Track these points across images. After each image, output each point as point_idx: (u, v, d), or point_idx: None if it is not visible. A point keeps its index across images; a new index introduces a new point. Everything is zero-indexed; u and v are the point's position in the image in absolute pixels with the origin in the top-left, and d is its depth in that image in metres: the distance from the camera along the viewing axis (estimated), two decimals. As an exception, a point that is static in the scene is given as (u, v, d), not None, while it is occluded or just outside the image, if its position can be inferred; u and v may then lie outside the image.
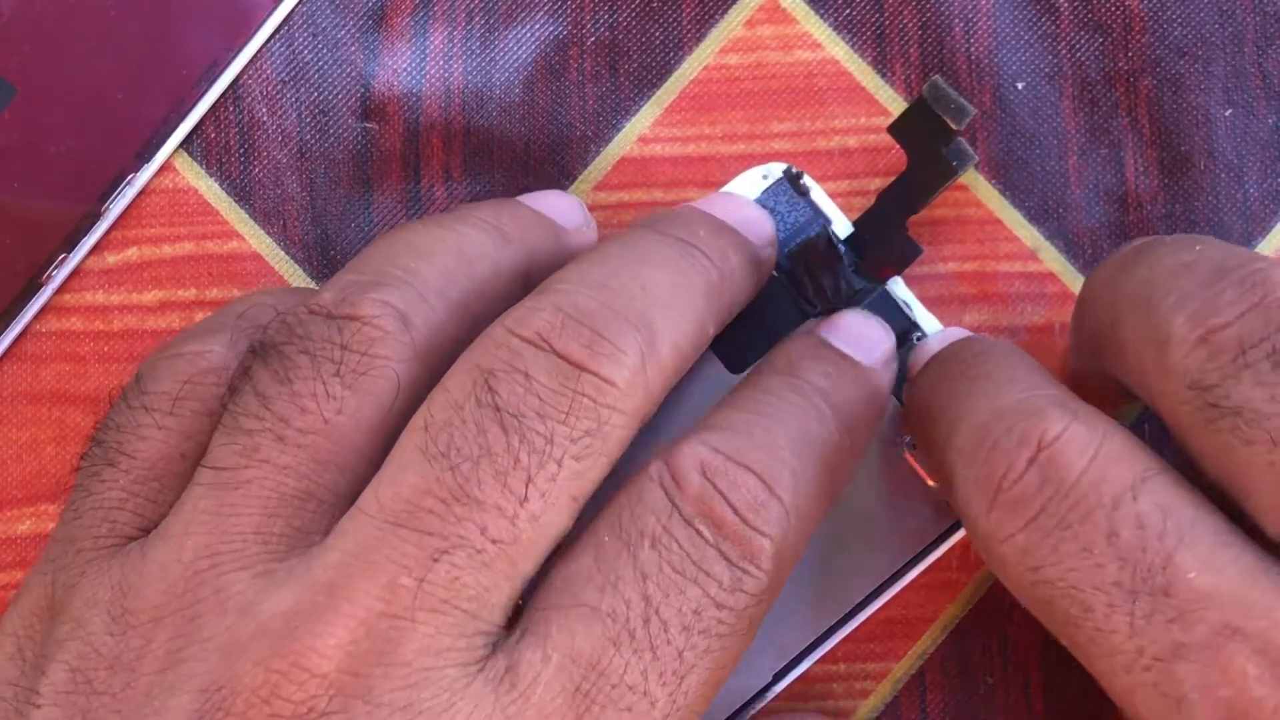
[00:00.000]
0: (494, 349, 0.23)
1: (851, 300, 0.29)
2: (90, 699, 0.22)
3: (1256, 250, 0.30)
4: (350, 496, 0.23)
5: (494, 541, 0.22)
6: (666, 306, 0.24)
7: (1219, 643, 0.21)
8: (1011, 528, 0.22)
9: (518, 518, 0.22)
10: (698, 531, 0.23)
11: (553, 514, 0.22)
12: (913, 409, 0.27)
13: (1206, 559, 0.21)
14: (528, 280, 0.27)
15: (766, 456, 0.23)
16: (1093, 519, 0.22)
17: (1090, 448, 0.22)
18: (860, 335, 0.27)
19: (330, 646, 0.21)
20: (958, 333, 0.28)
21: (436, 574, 0.21)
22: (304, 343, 0.23)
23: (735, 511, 0.23)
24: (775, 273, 0.29)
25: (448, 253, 0.25)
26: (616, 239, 0.26)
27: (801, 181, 0.26)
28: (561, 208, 0.29)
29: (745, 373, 0.29)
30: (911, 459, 0.29)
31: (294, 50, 0.31)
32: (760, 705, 0.29)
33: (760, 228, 0.28)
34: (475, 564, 0.22)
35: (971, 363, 0.26)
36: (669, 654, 0.22)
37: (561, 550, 0.23)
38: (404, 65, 0.31)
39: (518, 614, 0.23)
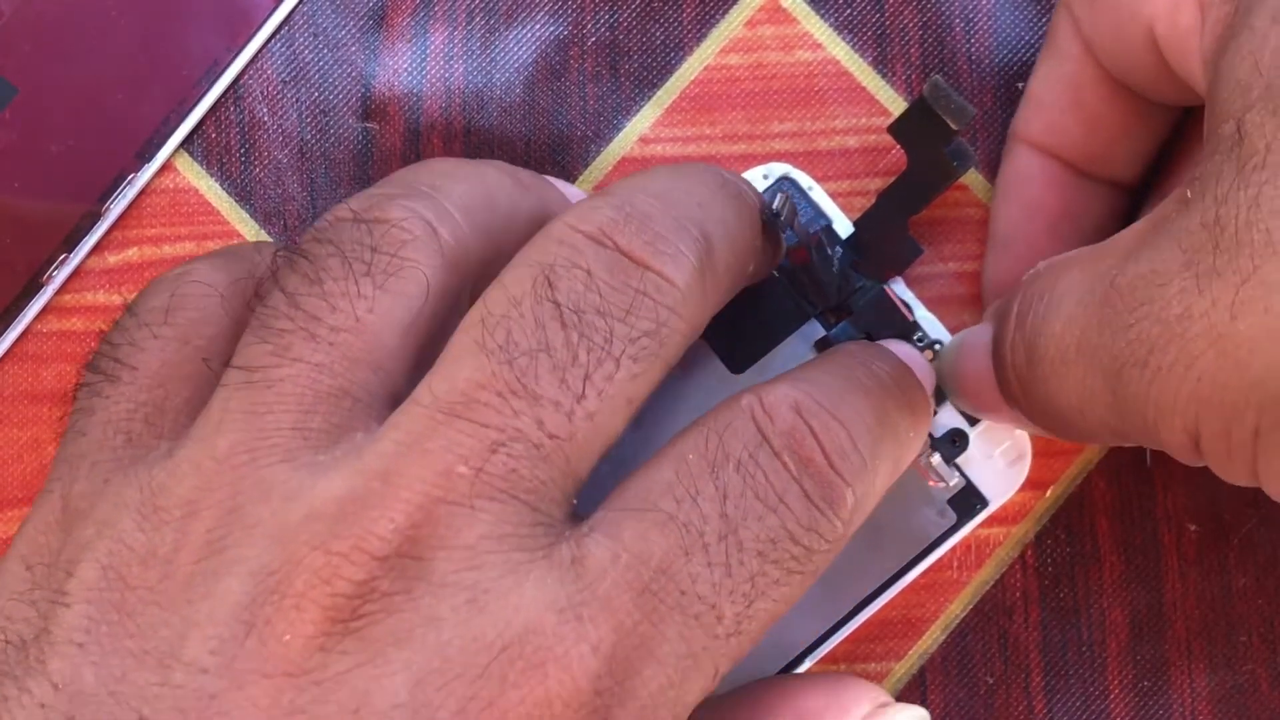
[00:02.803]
0: (553, 245, 0.23)
1: (851, 299, 0.29)
2: (124, 593, 0.22)
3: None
4: (384, 397, 0.23)
5: (551, 436, 0.22)
6: (721, 225, 0.24)
7: None
8: None
9: (574, 414, 0.22)
10: (784, 464, 0.22)
11: (608, 414, 0.22)
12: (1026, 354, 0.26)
13: None
14: None
15: (855, 416, 0.23)
16: None
17: None
18: (911, 356, 0.27)
19: (390, 530, 0.21)
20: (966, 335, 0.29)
21: (494, 465, 0.21)
22: (333, 245, 0.23)
23: (824, 452, 0.23)
24: (776, 273, 0.29)
25: (471, 179, 0.25)
26: (665, 166, 0.26)
27: (781, 219, 0.26)
28: (569, 194, 0.29)
29: (746, 372, 0.29)
30: (912, 459, 0.29)
31: (295, 50, 0.31)
32: (761, 705, 0.29)
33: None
34: (532, 457, 0.22)
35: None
36: (742, 575, 0.22)
37: (638, 464, 0.23)
38: (405, 65, 0.31)
39: (576, 517, 0.23)
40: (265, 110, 0.31)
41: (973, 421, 0.29)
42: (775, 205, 0.26)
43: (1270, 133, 0.21)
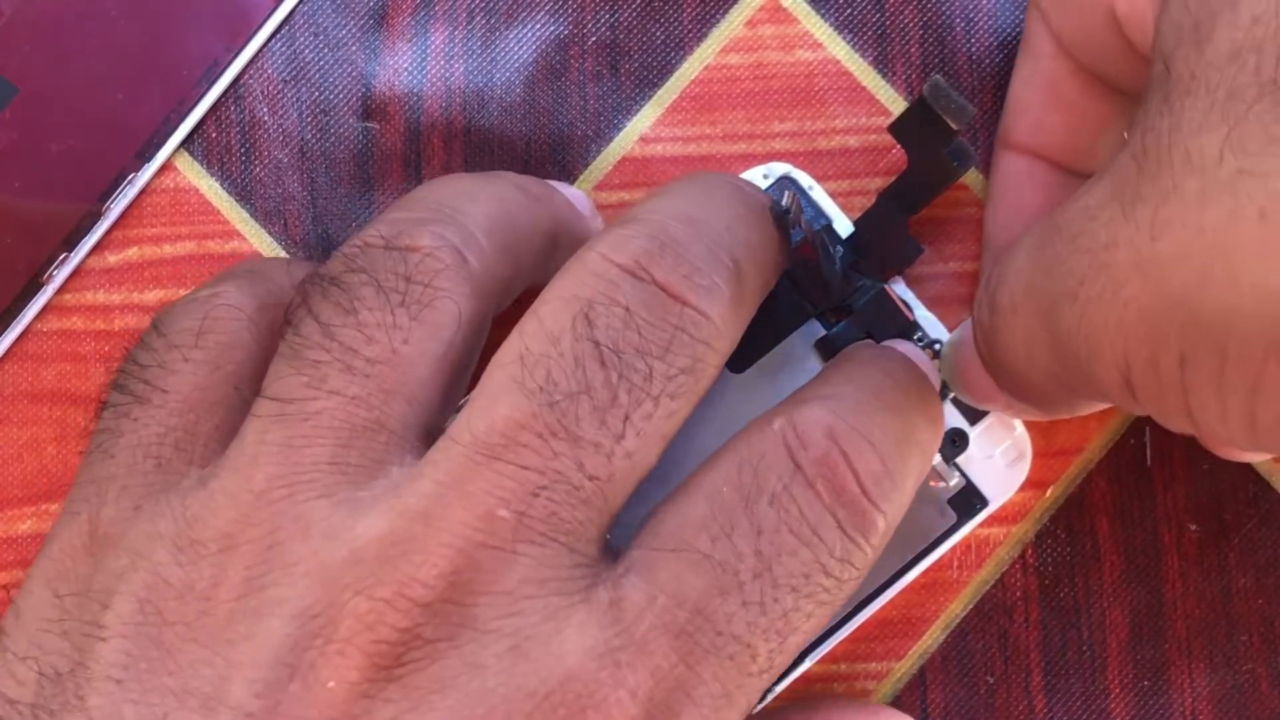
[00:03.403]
0: (590, 278, 0.23)
1: (851, 299, 0.29)
2: (162, 629, 0.22)
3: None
4: (417, 428, 0.23)
5: (591, 478, 0.22)
6: (748, 249, 0.24)
7: None
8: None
9: (614, 455, 0.22)
10: (818, 493, 0.22)
11: (645, 452, 0.22)
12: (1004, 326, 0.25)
13: None
14: (556, 244, 0.27)
15: (885, 437, 0.23)
16: None
17: None
18: (919, 358, 0.27)
19: (433, 576, 0.21)
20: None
21: (535, 508, 0.21)
22: (366, 273, 0.23)
23: (858, 479, 0.23)
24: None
25: (490, 199, 0.25)
26: (689, 178, 0.26)
27: (789, 215, 0.26)
28: (572, 196, 0.29)
29: (746, 372, 0.29)
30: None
31: (295, 50, 0.31)
32: (761, 705, 0.29)
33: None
34: (573, 500, 0.22)
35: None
36: (776, 611, 0.22)
37: (669, 494, 0.23)
38: (405, 65, 0.31)
39: (607, 548, 0.23)
40: (265, 110, 0.31)
41: (973, 421, 0.29)
42: (785, 203, 0.26)
43: (1193, 62, 0.20)
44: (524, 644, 0.21)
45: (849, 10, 0.31)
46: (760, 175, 0.30)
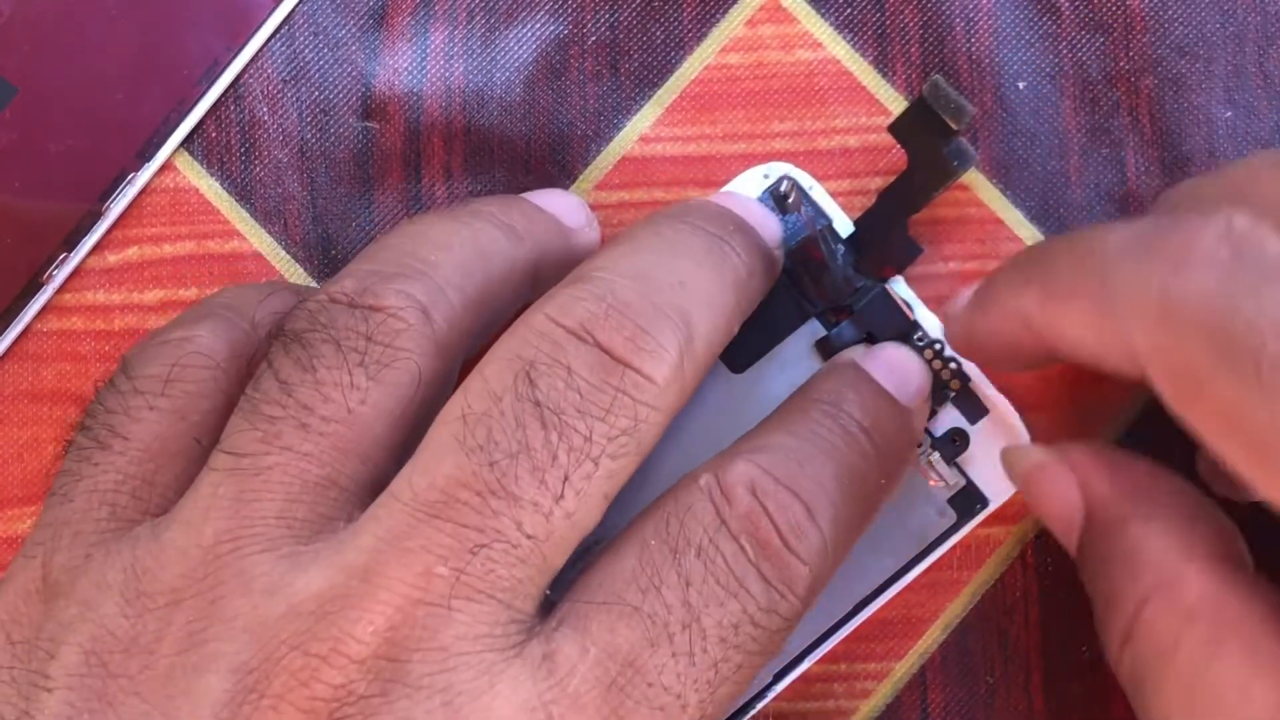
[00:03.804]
0: (535, 338, 0.23)
1: (852, 299, 0.29)
2: (106, 681, 0.22)
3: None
4: (371, 486, 0.23)
5: (529, 537, 0.22)
6: (704, 304, 0.24)
7: None
8: (1201, 281, 0.21)
9: (553, 515, 0.22)
10: (742, 548, 0.23)
11: (586, 511, 0.22)
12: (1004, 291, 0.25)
13: None
14: (537, 278, 0.27)
15: (814, 487, 0.24)
16: None
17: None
18: (900, 369, 0.27)
19: (369, 632, 0.21)
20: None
21: (473, 566, 0.22)
22: (327, 331, 0.23)
23: (779, 533, 0.23)
24: (776, 272, 0.29)
25: (465, 246, 0.25)
26: (647, 227, 0.26)
27: (789, 200, 0.26)
28: (565, 207, 0.29)
29: (746, 372, 0.29)
30: (912, 459, 0.29)
31: (295, 49, 0.31)
32: (760, 705, 0.29)
33: (771, 229, 0.28)
34: (511, 558, 0.22)
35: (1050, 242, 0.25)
36: (705, 662, 0.22)
37: (601, 548, 0.23)
38: (405, 64, 0.31)
39: (547, 603, 0.23)
40: (265, 109, 0.31)
41: (973, 421, 0.29)
42: (783, 189, 0.26)
43: None
44: (456, 700, 0.21)
45: (849, 10, 0.31)
46: (760, 175, 0.30)
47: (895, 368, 0.27)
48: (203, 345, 0.25)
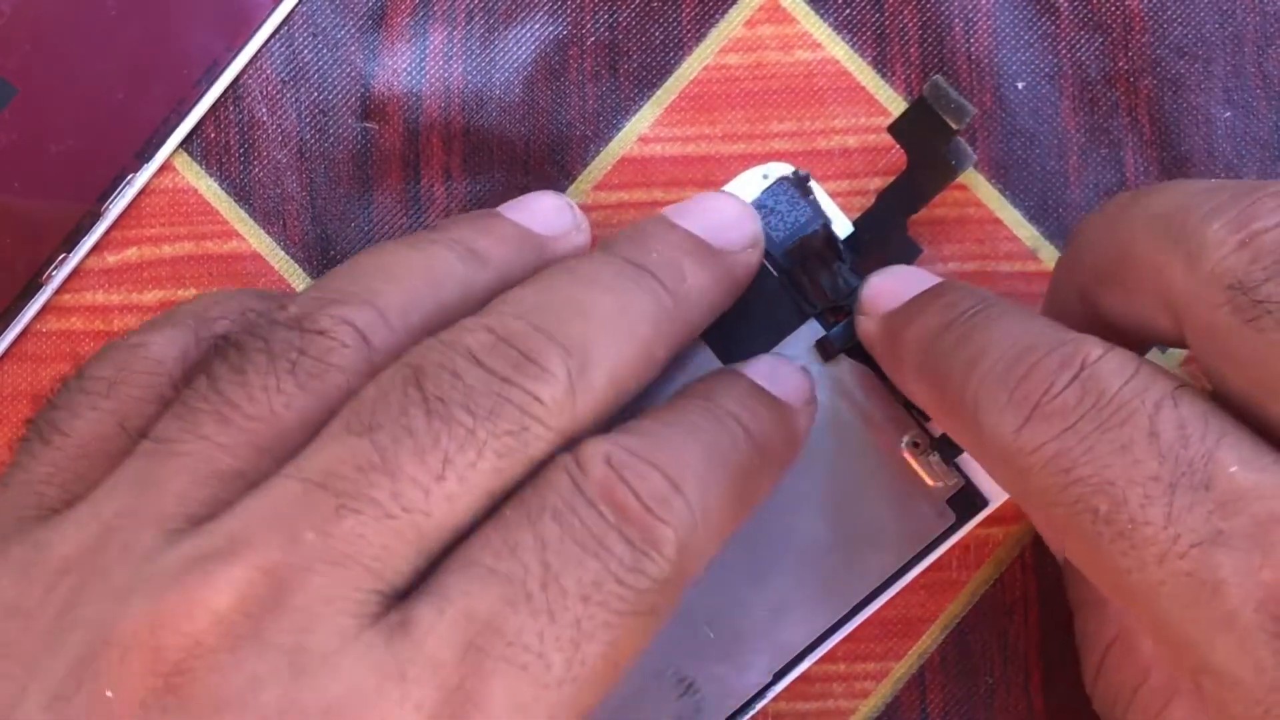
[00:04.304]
0: (425, 351, 0.24)
1: (851, 299, 0.29)
2: None
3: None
4: None
5: (404, 509, 0.22)
6: (604, 332, 0.24)
7: (1262, 531, 0.21)
8: (1045, 437, 0.23)
9: (431, 492, 0.22)
10: (600, 513, 0.23)
11: (466, 500, 0.22)
12: (903, 341, 0.27)
13: (1248, 458, 0.22)
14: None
15: (673, 458, 0.24)
16: (1134, 420, 0.22)
17: (1130, 366, 0.23)
18: (776, 374, 0.28)
19: (224, 585, 0.21)
20: (911, 271, 0.29)
21: (340, 528, 0.22)
22: (264, 342, 0.24)
23: (639, 499, 0.23)
24: (775, 272, 0.29)
25: (414, 275, 0.26)
26: (566, 264, 0.26)
27: (808, 184, 0.27)
28: (549, 211, 0.28)
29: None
30: (911, 459, 0.29)
31: (294, 50, 0.31)
32: (760, 705, 0.29)
33: (738, 231, 0.28)
34: (381, 525, 0.22)
35: (979, 305, 0.26)
36: (567, 620, 0.22)
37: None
38: (404, 65, 0.31)
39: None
40: (265, 110, 0.31)
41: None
42: (800, 174, 0.25)
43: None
44: (304, 659, 0.21)
45: (848, 10, 0.31)
46: (759, 175, 0.30)
47: (770, 371, 0.28)
48: (153, 351, 0.25)
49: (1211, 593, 0.21)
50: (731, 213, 0.28)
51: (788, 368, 0.28)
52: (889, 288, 0.28)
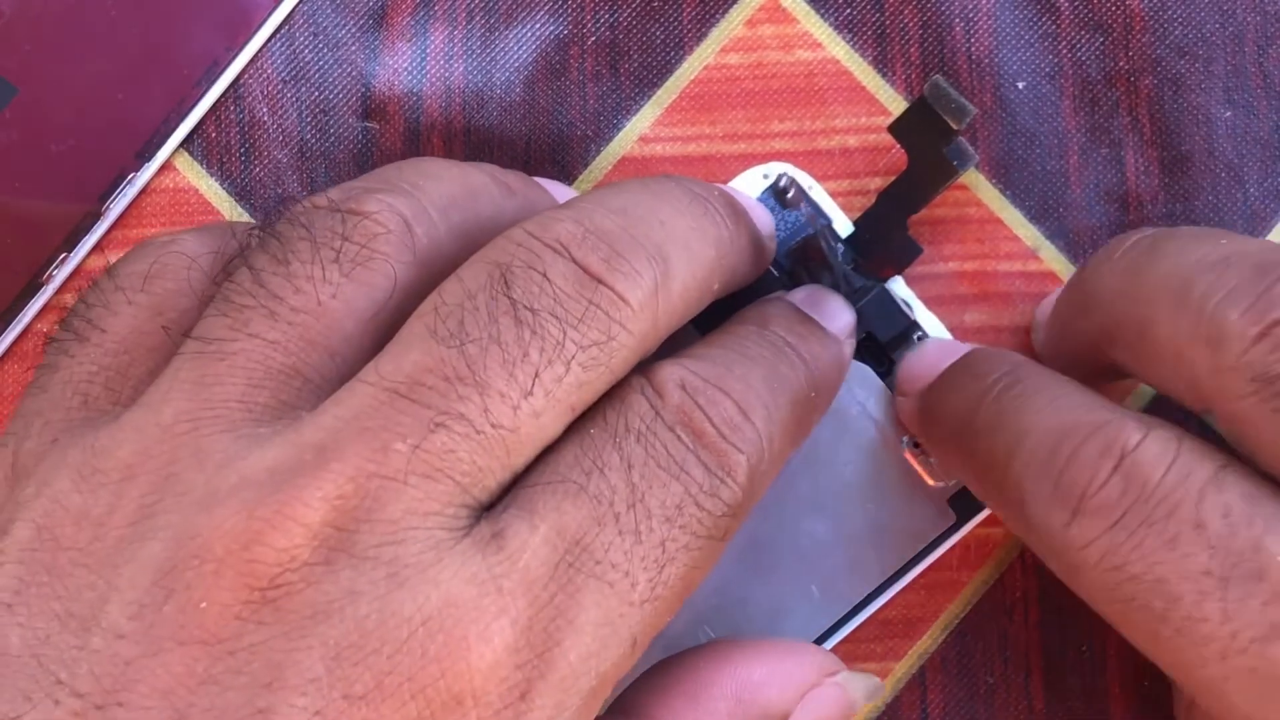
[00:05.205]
0: (512, 247, 0.23)
1: (851, 299, 0.29)
2: (56, 554, 0.22)
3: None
4: (336, 381, 0.23)
5: (494, 425, 0.22)
6: (681, 246, 0.24)
7: None
8: (1094, 533, 0.23)
9: (519, 409, 0.22)
10: (679, 437, 0.23)
11: (552, 416, 0.22)
12: (939, 420, 0.27)
13: None
14: None
15: (743, 387, 0.24)
16: (1179, 513, 0.22)
17: (1170, 451, 0.23)
18: (823, 304, 0.28)
19: (317, 498, 0.21)
20: (951, 343, 0.29)
21: (432, 443, 0.21)
22: (305, 230, 0.23)
23: (714, 425, 0.23)
24: (775, 272, 0.29)
25: (454, 180, 0.26)
26: (636, 179, 0.26)
27: (789, 195, 0.27)
28: (560, 192, 0.29)
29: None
30: (912, 459, 0.29)
31: (295, 50, 0.31)
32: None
33: (763, 218, 0.29)
34: (472, 441, 0.22)
35: (1009, 376, 0.26)
36: (652, 541, 0.22)
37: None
38: (405, 65, 0.31)
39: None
40: (265, 110, 0.31)
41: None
42: (782, 184, 0.26)
43: None
44: (402, 571, 0.21)
45: (849, 10, 0.31)
46: (760, 175, 0.30)
47: (818, 301, 0.28)
48: (186, 247, 0.25)
49: (1277, 688, 0.21)
50: (752, 200, 0.29)
51: (835, 300, 0.28)
52: (920, 364, 0.29)
